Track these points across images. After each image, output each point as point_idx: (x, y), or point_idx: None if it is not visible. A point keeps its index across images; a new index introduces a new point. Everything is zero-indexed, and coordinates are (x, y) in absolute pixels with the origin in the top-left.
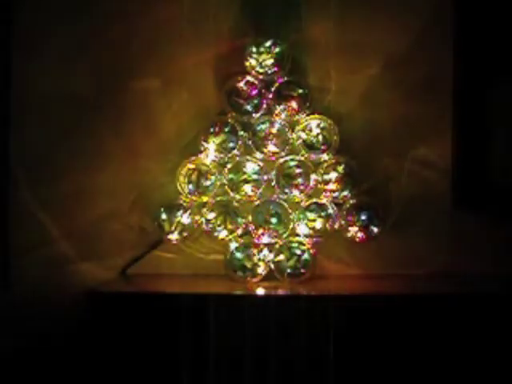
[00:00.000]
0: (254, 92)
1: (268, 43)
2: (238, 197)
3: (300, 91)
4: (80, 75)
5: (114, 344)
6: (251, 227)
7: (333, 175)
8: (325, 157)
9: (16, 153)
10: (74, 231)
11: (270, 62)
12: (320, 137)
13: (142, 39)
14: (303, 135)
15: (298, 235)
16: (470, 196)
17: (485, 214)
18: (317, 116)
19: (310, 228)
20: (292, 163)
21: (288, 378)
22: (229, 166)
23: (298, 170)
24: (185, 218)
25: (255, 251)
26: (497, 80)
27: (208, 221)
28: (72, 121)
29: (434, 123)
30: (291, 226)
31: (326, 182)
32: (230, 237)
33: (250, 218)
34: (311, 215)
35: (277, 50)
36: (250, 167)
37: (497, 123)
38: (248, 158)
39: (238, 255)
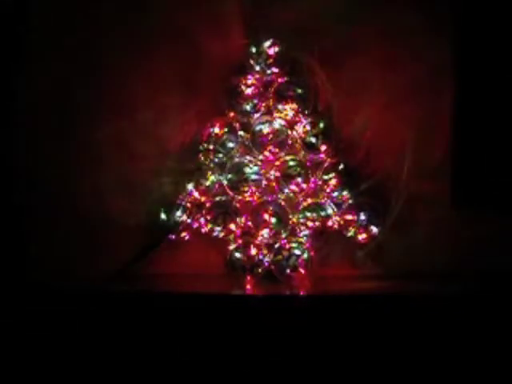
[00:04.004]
0: (254, 92)
1: (268, 43)
2: (238, 197)
3: (300, 91)
4: (80, 76)
5: (114, 343)
6: (251, 227)
7: (332, 175)
8: (324, 157)
9: (16, 152)
10: (74, 231)
11: (269, 61)
12: (320, 137)
13: (142, 40)
14: (303, 135)
15: (297, 235)
16: (470, 196)
17: (484, 214)
18: (316, 116)
19: (309, 228)
20: (292, 163)
21: (288, 378)
22: (229, 165)
23: (297, 170)
24: (184, 218)
25: (255, 251)
26: (496, 80)
27: (208, 221)
28: (72, 121)
29: (433, 123)
30: (291, 226)
31: (326, 182)
32: (230, 237)
33: (250, 218)
34: (311, 215)
35: (277, 50)
36: (250, 167)
37: (496, 123)
38: (248, 158)
39: (238, 255)
